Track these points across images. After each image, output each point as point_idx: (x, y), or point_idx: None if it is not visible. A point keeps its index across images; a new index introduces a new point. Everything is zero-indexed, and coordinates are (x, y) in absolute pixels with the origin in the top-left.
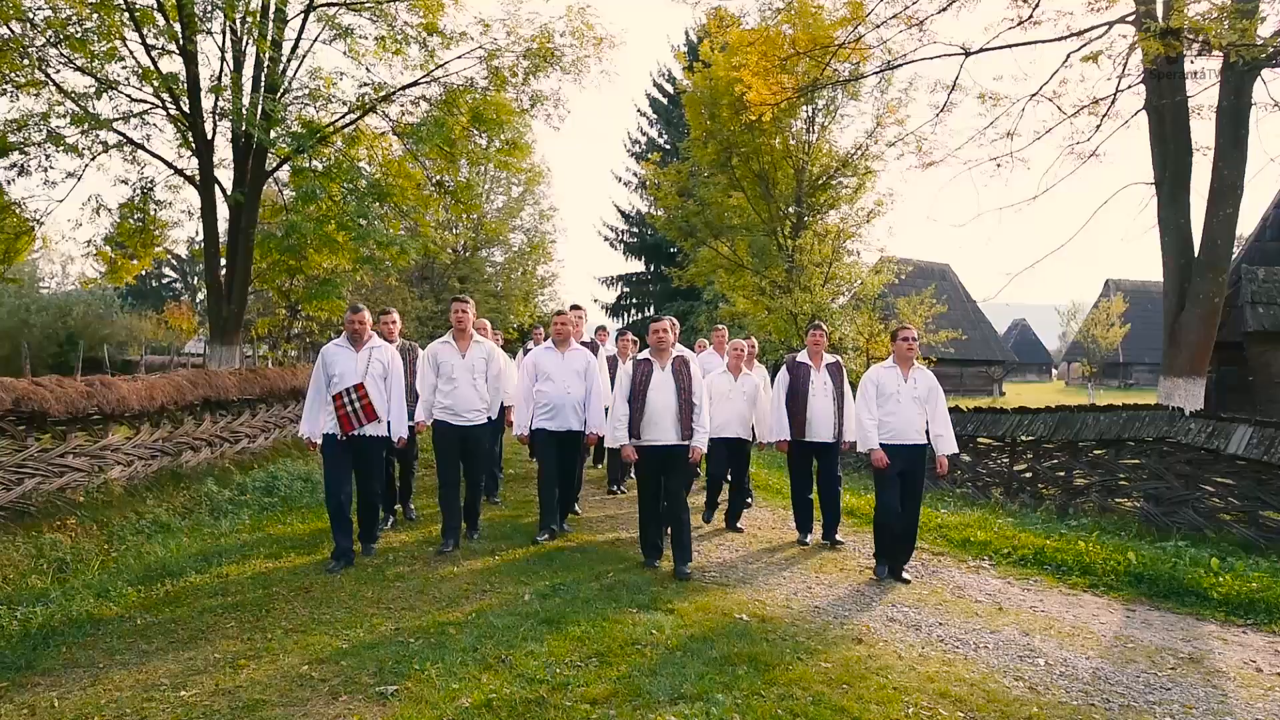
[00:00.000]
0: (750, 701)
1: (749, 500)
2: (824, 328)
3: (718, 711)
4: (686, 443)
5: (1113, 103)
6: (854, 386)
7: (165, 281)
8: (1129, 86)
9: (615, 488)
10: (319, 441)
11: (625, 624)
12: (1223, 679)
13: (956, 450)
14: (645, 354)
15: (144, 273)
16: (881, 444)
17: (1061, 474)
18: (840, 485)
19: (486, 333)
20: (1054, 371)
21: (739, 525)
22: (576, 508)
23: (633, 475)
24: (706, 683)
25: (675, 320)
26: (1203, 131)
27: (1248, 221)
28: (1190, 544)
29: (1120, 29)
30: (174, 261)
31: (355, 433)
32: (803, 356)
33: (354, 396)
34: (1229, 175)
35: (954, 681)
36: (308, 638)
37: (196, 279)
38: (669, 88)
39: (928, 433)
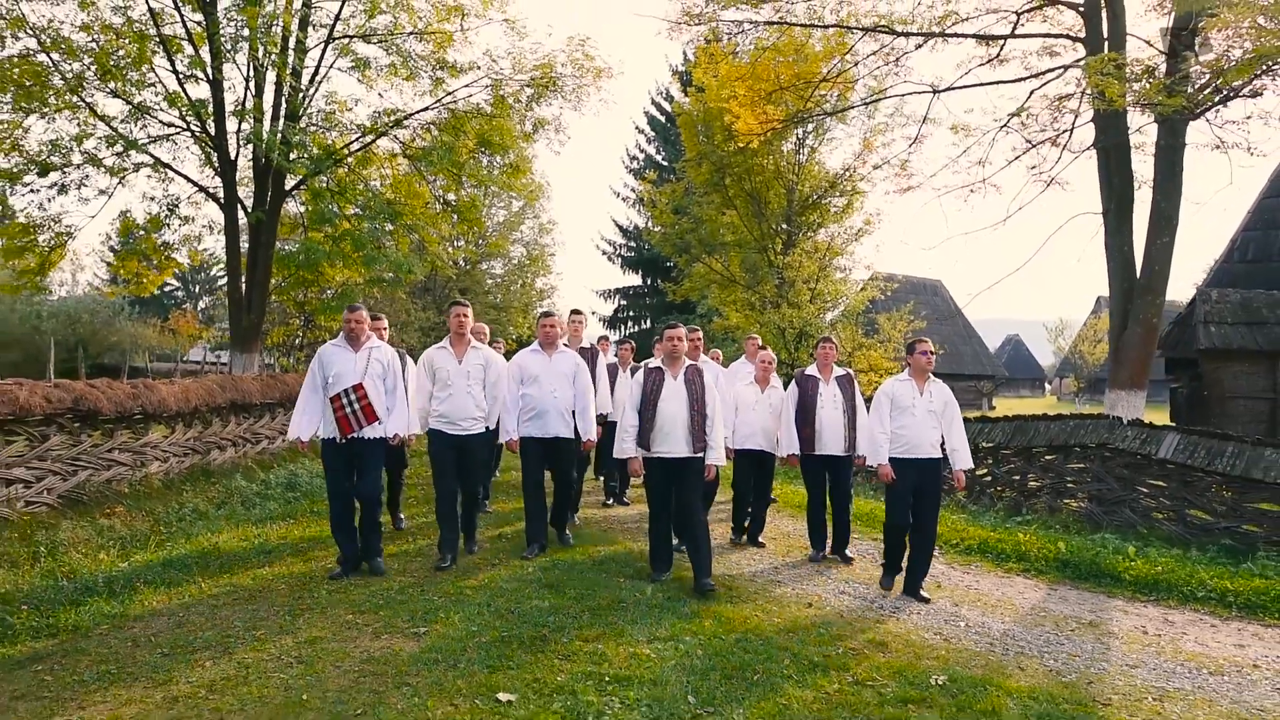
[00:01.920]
0: (712, 642)
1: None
2: (834, 341)
3: (684, 647)
4: (699, 455)
5: (1070, 136)
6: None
7: (167, 290)
8: (1082, 124)
9: (613, 499)
10: (307, 441)
11: (614, 588)
12: (1111, 638)
13: (972, 466)
14: (657, 362)
15: (128, 279)
16: (895, 458)
17: (1017, 477)
18: (851, 501)
19: (485, 338)
20: (1047, 386)
21: (760, 540)
22: (575, 518)
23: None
24: (677, 629)
25: (698, 329)
26: (1145, 166)
27: (1218, 245)
28: (1120, 537)
29: (1074, 71)
30: (176, 271)
31: (354, 435)
32: (812, 370)
33: (353, 398)
34: (1166, 207)
35: (882, 634)
36: (349, 595)
37: (197, 287)
38: (667, 106)
39: (943, 447)
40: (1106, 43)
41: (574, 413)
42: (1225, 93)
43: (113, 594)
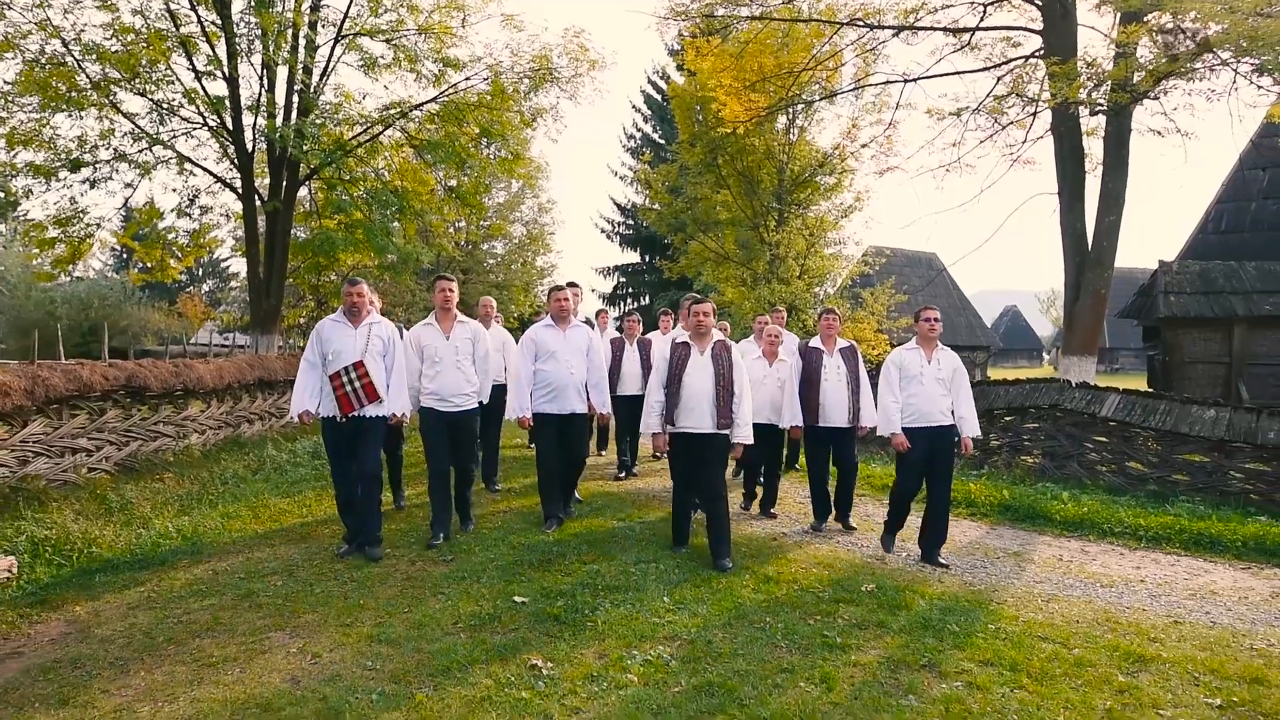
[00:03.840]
0: (687, 564)
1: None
2: (836, 312)
3: (664, 567)
4: (724, 431)
5: (1033, 120)
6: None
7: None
8: (1043, 109)
9: (625, 473)
10: (314, 412)
11: (609, 526)
12: (1028, 563)
13: (979, 433)
14: (684, 337)
15: (152, 265)
16: (906, 427)
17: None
18: (856, 470)
19: (491, 311)
20: (1045, 356)
21: (772, 511)
22: (577, 495)
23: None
24: (659, 554)
25: (709, 301)
26: (1098, 148)
27: (1193, 218)
28: (1063, 486)
29: (1033, 62)
30: (178, 254)
31: (355, 414)
32: (815, 342)
33: (353, 375)
34: (1113, 187)
35: (832, 559)
36: (385, 536)
37: (202, 271)
38: (663, 85)
39: (953, 413)
40: (1058, 35)
41: (587, 386)
42: (1134, 95)
43: (185, 539)
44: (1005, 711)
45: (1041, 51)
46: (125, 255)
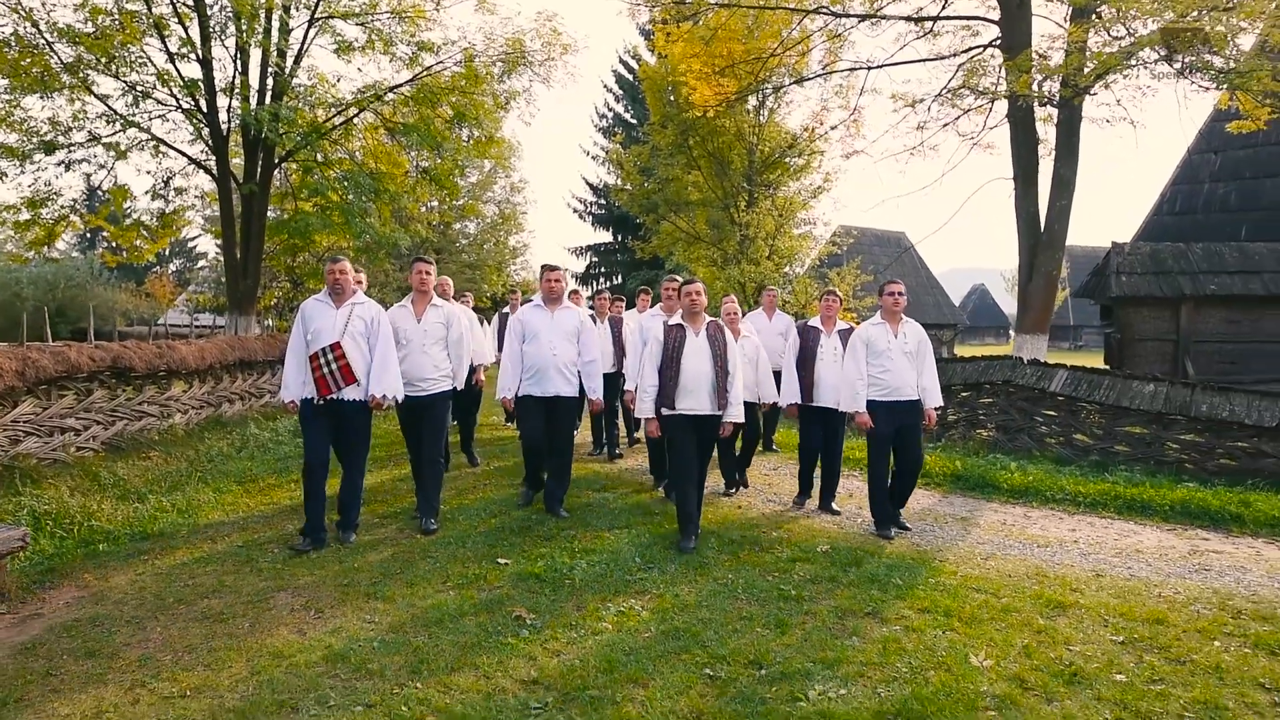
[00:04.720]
0: (657, 530)
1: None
2: (838, 294)
3: (636, 532)
4: (720, 413)
5: (991, 106)
6: None
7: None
8: (997, 99)
9: (603, 452)
10: (297, 404)
11: (586, 497)
12: (974, 527)
13: (942, 403)
14: (677, 319)
15: (126, 248)
16: (877, 401)
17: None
18: (841, 454)
19: (448, 291)
20: (1012, 334)
21: (746, 482)
22: (564, 510)
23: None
24: (634, 522)
25: (676, 279)
26: (1053, 133)
27: (1149, 200)
28: (1012, 458)
29: (991, 50)
30: (146, 234)
31: (333, 397)
32: (815, 321)
33: (330, 357)
34: (1065, 173)
35: (791, 524)
36: (371, 510)
37: (168, 251)
38: (635, 64)
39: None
40: (1015, 25)
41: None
42: (1077, 89)
43: (180, 512)
44: (935, 649)
45: (999, 41)
46: (91, 235)
